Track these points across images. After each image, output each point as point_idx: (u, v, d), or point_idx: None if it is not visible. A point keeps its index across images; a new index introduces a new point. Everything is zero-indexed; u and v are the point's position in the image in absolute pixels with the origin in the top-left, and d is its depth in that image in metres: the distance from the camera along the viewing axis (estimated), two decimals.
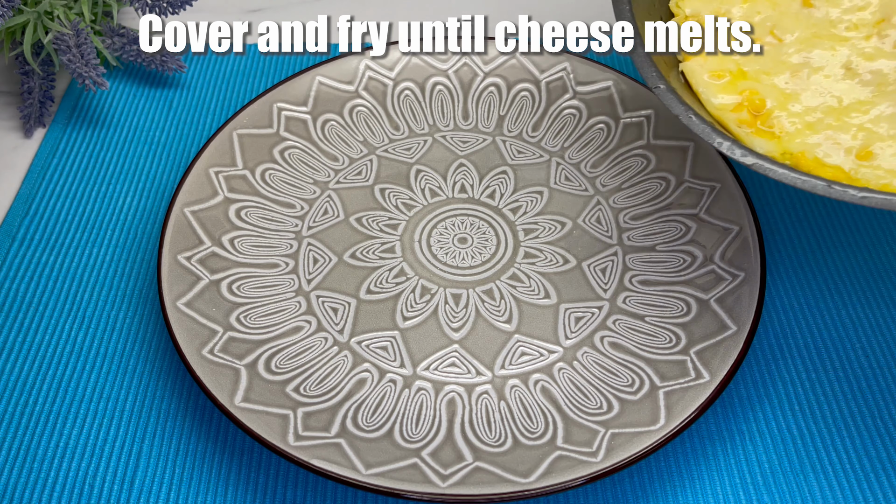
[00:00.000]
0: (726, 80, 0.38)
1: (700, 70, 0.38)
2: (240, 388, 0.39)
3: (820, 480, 0.40)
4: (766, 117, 0.36)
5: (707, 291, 0.43)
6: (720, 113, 0.37)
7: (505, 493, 0.36)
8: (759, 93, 0.37)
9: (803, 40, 0.38)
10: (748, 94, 0.37)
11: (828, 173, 0.34)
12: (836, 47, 0.37)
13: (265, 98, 0.51)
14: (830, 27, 0.38)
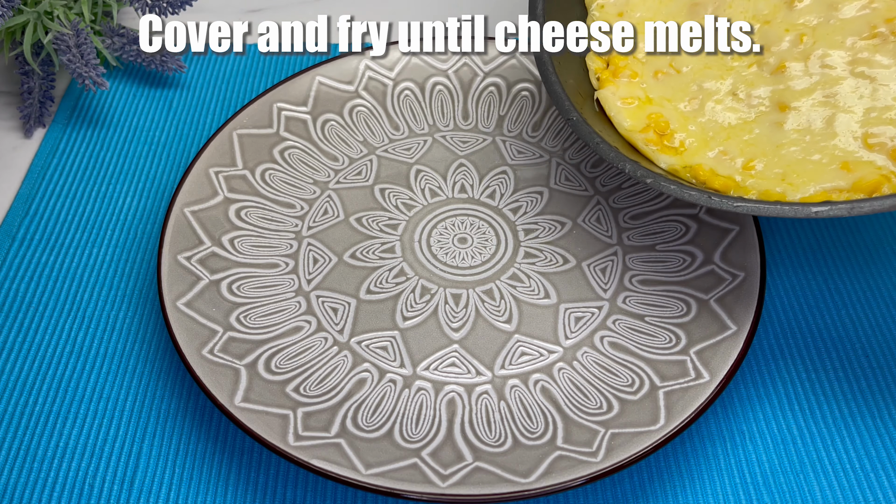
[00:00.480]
0: (635, 105, 0.42)
1: (612, 97, 0.43)
2: (240, 388, 0.39)
3: (820, 480, 0.40)
4: (669, 136, 0.41)
5: (707, 291, 0.43)
6: (630, 134, 0.41)
7: (505, 493, 0.36)
8: (662, 115, 0.41)
9: (697, 70, 0.43)
10: (654, 116, 0.41)
11: (721, 182, 0.38)
12: (724, 76, 0.42)
13: (265, 98, 0.51)
14: (719, 58, 0.42)
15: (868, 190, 0.35)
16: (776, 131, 0.39)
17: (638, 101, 0.42)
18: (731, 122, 0.40)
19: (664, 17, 0.45)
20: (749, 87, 0.41)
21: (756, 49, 0.42)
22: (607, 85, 0.43)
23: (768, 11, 0.42)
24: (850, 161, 0.36)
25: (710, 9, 0.44)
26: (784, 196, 0.36)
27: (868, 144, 0.36)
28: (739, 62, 0.42)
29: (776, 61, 0.41)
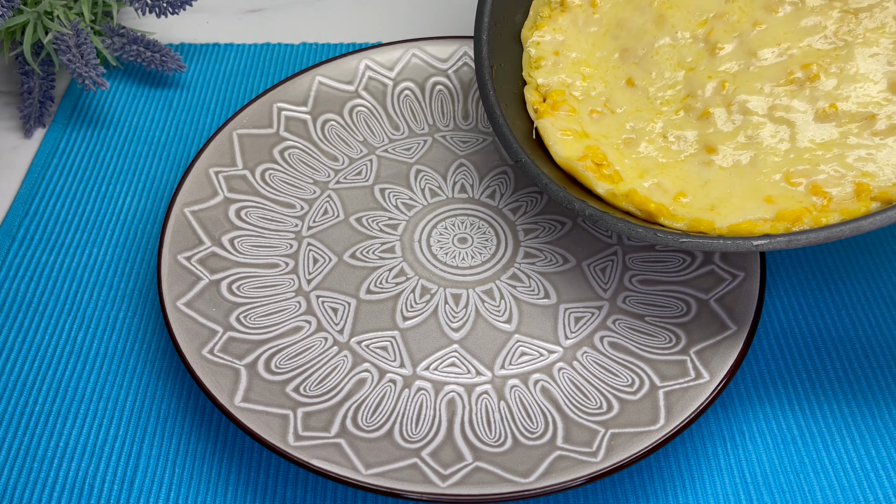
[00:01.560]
0: (572, 138, 0.43)
1: (552, 128, 0.44)
2: (240, 388, 0.39)
3: (820, 480, 0.40)
4: (606, 167, 0.42)
5: (707, 291, 0.43)
6: (568, 161, 0.42)
7: (505, 493, 0.36)
8: (599, 149, 0.42)
9: (630, 112, 0.44)
10: (591, 148, 0.43)
11: (655, 206, 0.40)
12: (655, 119, 0.43)
13: (265, 98, 0.51)
14: (649, 103, 0.44)
15: (791, 219, 0.37)
16: (705, 169, 0.41)
17: (575, 134, 0.43)
18: (663, 161, 0.42)
19: (596, 60, 0.46)
20: (678, 129, 0.42)
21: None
22: (546, 116, 0.44)
23: (692, 59, 0.44)
24: (774, 195, 0.38)
25: (639, 53, 0.45)
26: (713, 223, 0.38)
27: (790, 182, 0.38)
28: (668, 107, 0.44)
29: (702, 107, 0.43)
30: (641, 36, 0.46)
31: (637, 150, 0.43)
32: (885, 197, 0.36)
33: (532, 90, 0.46)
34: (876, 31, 0.40)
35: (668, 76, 0.44)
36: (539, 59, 0.46)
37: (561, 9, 0.47)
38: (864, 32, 0.41)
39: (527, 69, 0.47)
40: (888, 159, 0.37)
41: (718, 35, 0.44)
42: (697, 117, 0.42)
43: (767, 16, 0.43)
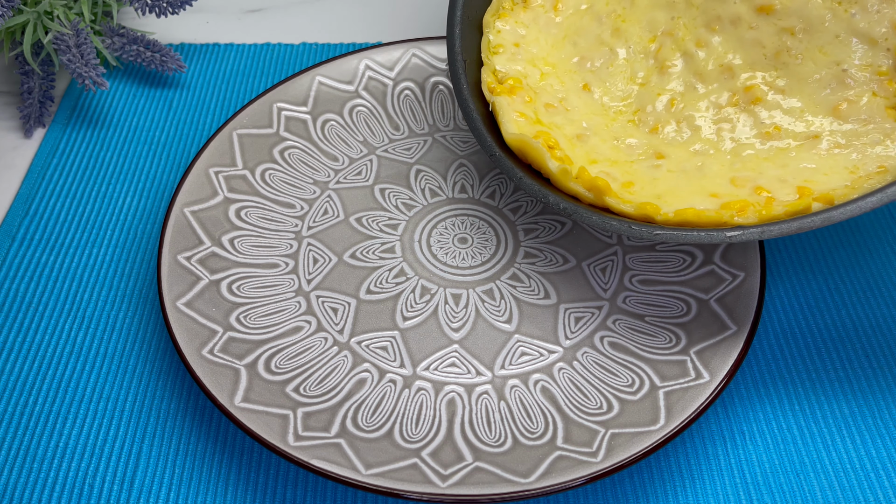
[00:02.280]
0: (525, 121, 0.43)
1: (507, 107, 0.43)
2: (240, 388, 0.39)
3: (820, 480, 0.40)
4: (557, 150, 0.42)
5: (707, 291, 0.43)
6: (520, 137, 0.42)
7: (505, 493, 0.36)
8: (550, 135, 0.43)
9: (584, 114, 0.44)
10: (543, 134, 0.43)
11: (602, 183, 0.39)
12: (608, 125, 0.44)
13: (265, 98, 0.51)
14: (603, 109, 0.45)
15: (736, 208, 0.38)
16: (653, 170, 0.41)
17: (528, 119, 0.43)
18: (614, 158, 0.42)
19: (555, 61, 0.46)
20: (629, 137, 0.43)
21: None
22: (503, 95, 0.44)
23: (644, 74, 0.45)
24: (719, 193, 0.39)
25: (596, 64, 0.46)
26: (659, 208, 0.38)
27: (735, 184, 0.39)
28: (621, 116, 0.44)
29: (653, 121, 0.43)
30: (598, 47, 0.46)
31: (589, 145, 0.43)
32: (827, 198, 0.37)
33: (489, 72, 0.46)
34: (815, 52, 0.41)
35: (621, 88, 0.45)
36: (498, 46, 0.46)
37: (523, 4, 0.48)
38: (804, 53, 0.41)
39: (485, 52, 0.46)
40: (831, 172, 0.38)
41: (666, 53, 0.45)
42: (648, 130, 0.43)
43: (709, 35, 0.44)
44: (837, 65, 0.40)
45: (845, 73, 0.40)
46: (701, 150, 0.41)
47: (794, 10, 0.41)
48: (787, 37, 0.42)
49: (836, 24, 0.40)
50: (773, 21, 0.42)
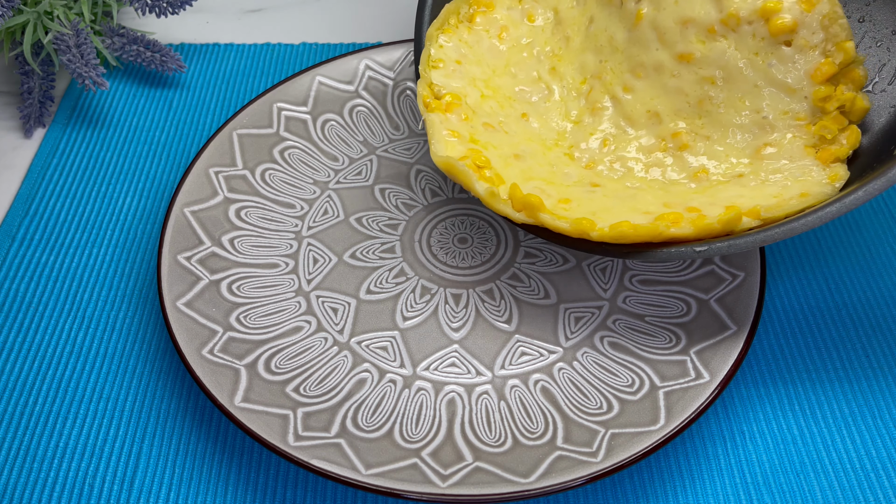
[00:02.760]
0: (457, 140, 0.43)
1: (439, 125, 0.43)
2: (240, 388, 0.39)
3: (820, 480, 0.40)
4: (487, 169, 0.42)
5: (707, 291, 0.43)
6: (447, 160, 0.41)
7: (505, 493, 0.36)
8: (482, 153, 0.42)
9: (523, 139, 0.44)
10: (474, 151, 0.42)
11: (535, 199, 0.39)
12: (545, 153, 0.44)
13: (265, 98, 0.51)
14: (541, 139, 0.44)
15: (671, 219, 0.38)
16: (589, 193, 0.41)
17: (461, 138, 0.43)
18: (549, 179, 0.42)
19: (496, 85, 0.46)
20: (565, 167, 0.43)
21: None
22: (437, 111, 0.43)
23: (577, 113, 0.45)
24: (653, 212, 0.39)
25: (533, 98, 0.46)
26: (595, 223, 0.38)
27: (668, 207, 0.39)
28: (557, 148, 0.44)
29: (587, 158, 0.44)
30: (536, 82, 0.46)
31: (526, 164, 0.43)
32: (755, 212, 0.38)
33: (424, 85, 0.45)
34: (736, 101, 0.42)
35: (557, 123, 0.45)
36: (438, 61, 0.46)
37: (468, 24, 0.47)
38: (726, 102, 0.42)
39: (424, 65, 0.46)
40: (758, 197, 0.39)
41: (596, 95, 0.45)
42: (584, 165, 0.43)
43: (635, 80, 0.44)
44: (758, 112, 0.41)
45: (766, 119, 0.41)
46: (633, 185, 0.42)
47: (713, 59, 0.41)
48: (709, 86, 0.42)
49: (754, 75, 0.41)
50: (694, 70, 0.42)
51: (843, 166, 0.39)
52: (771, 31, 0.40)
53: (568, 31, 0.47)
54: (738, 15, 0.40)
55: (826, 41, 0.40)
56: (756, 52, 0.41)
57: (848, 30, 0.39)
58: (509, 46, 0.47)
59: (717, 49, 0.41)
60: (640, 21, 0.43)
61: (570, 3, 0.47)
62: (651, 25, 0.43)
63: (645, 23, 0.43)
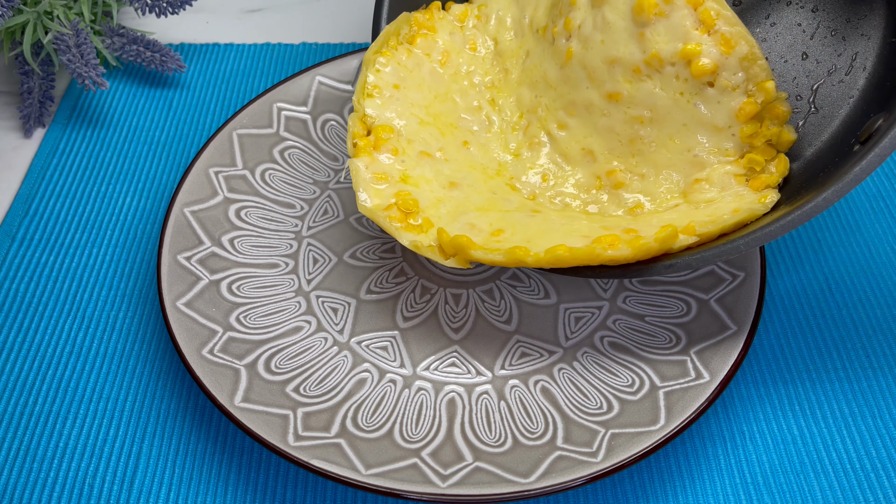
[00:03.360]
0: (385, 185, 0.42)
1: (364, 171, 0.42)
2: (240, 388, 0.39)
3: (820, 480, 0.40)
4: (414, 215, 0.41)
5: (707, 291, 0.43)
6: (371, 213, 0.41)
7: (505, 493, 0.36)
8: (410, 195, 0.41)
9: (463, 166, 0.44)
10: (402, 195, 0.41)
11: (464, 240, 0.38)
12: (486, 181, 0.43)
13: (265, 98, 0.51)
14: (483, 168, 0.44)
15: (607, 241, 0.38)
16: (528, 218, 0.41)
17: (390, 180, 0.42)
18: (487, 207, 0.42)
19: (437, 111, 0.45)
20: (506, 194, 0.43)
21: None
22: (363, 154, 0.42)
23: (515, 146, 0.45)
24: (590, 234, 0.39)
25: (474, 127, 0.45)
26: (529, 250, 0.38)
27: (605, 229, 0.40)
28: (499, 178, 0.44)
29: (528, 192, 0.44)
30: (477, 111, 0.46)
31: (461, 194, 0.42)
32: (690, 228, 0.38)
33: (357, 120, 0.43)
34: (666, 140, 0.42)
35: (498, 154, 0.45)
36: (375, 88, 0.44)
37: (408, 45, 0.46)
38: (656, 141, 0.42)
39: (359, 94, 0.44)
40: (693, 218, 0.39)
41: (534, 130, 0.45)
42: (525, 197, 0.43)
43: (568, 118, 0.44)
44: (689, 151, 0.41)
45: (696, 157, 0.41)
46: (571, 214, 0.42)
47: (640, 99, 0.42)
48: (639, 125, 0.42)
49: (681, 115, 0.41)
50: (623, 109, 0.42)
51: (774, 190, 0.40)
52: (693, 73, 0.40)
53: (507, 64, 0.47)
54: (660, 56, 0.40)
55: (747, 81, 0.40)
56: (681, 92, 0.41)
57: (767, 70, 0.40)
58: (451, 73, 0.46)
59: (644, 89, 0.41)
60: (570, 59, 0.43)
61: (509, 34, 0.47)
62: (580, 64, 0.43)
63: (575, 61, 0.43)
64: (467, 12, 0.48)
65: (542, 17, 0.46)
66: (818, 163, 0.40)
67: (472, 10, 0.48)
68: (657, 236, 0.37)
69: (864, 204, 0.51)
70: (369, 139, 0.43)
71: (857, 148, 0.38)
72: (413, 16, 0.47)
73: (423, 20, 0.47)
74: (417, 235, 0.40)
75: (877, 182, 0.52)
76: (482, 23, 0.48)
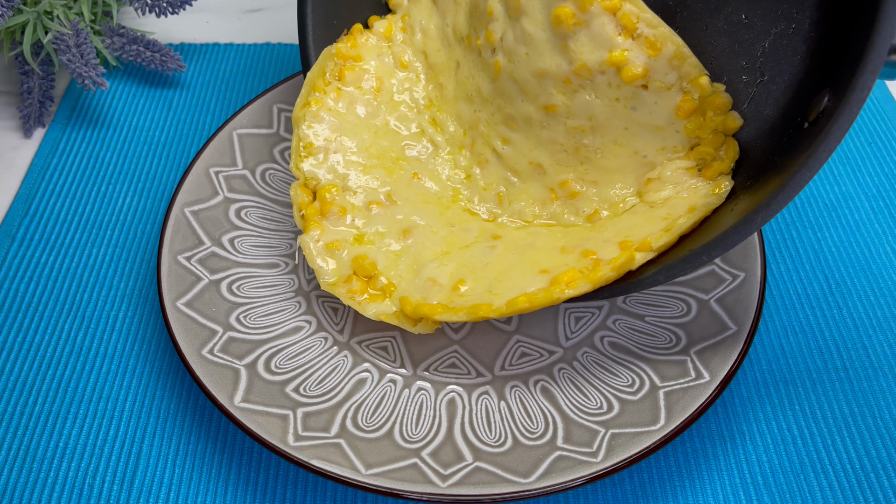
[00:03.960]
0: (344, 253, 0.41)
1: (315, 247, 0.41)
2: (239, 388, 0.39)
3: (820, 481, 0.40)
4: (375, 281, 0.40)
5: (707, 291, 0.43)
6: (333, 288, 0.40)
7: (505, 493, 0.36)
8: (367, 257, 0.40)
9: (416, 204, 0.43)
10: (359, 260, 0.40)
11: (429, 309, 0.38)
12: (442, 213, 0.43)
13: (265, 98, 0.51)
14: (436, 197, 0.43)
15: (565, 281, 0.37)
16: (487, 253, 0.41)
17: (344, 245, 0.41)
18: (445, 250, 0.41)
19: (378, 150, 0.44)
20: (465, 223, 0.42)
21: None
22: (312, 227, 0.41)
23: (466, 165, 0.44)
24: (548, 266, 0.39)
25: (421, 153, 0.45)
26: (491, 305, 0.38)
27: (564, 252, 0.39)
28: (455, 204, 0.43)
29: (487, 213, 0.43)
30: (420, 137, 0.45)
31: (417, 239, 0.41)
32: (647, 245, 0.37)
33: (299, 187, 0.42)
34: (611, 146, 0.41)
35: (450, 178, 0.44)
36: (310, 146, 0.43)
37: (338, 83, 0.44)
38: (602, 148, 0.41)
39: (295, 158, 0.43)
40: (648, 223, 0.39)
41: (479, 147, 0.44)
42: (484, 220, 0.43)
43: (510, 132, 0.43)
44: (636, 153, 0.41)
45: (645, 158, 0.41)
46: (532, 232, 0.42)
47: (577, 110, 0.41)
48: (580, 134, 0.41)
49: (620, 120, 0.40)
50: (561, 120, 0.41)
51: (727, 177, 0.39)
52: (624, 79, 0.39)
53: (440, 78, 0.46)
54: (588, 66, 0.39)
55: (680, 79, 0.39)
56: (616, 98, 0.40)
57: (699, 66, 0.39)
58: (387, 101, 0.45)
59: (579, 99, 0.40)
60: (499, 73, 0.42)
61: (437, 45, 0.46)
62: (510, 78, 0.42)
63: (504, 75, 0.42)
64: (391, 27, 0.46)
65: (464, 24, 0.44)
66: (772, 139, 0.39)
67: (397, 22, 0.46)
68: (613, 265, 0.37)
69: (864, 204, 0.51)
70: (315, 206, 0.42)
71: (806, 125, 0.36)
72: (336, 48, 0.45)
73: (346, 51, 0.45)
74: (381, 304, 0.40)
75: (877, 182, 0.52)
76: (409, 35, 0.46)
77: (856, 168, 0.53)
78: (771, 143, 0.38)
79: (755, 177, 0.38)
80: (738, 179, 0.39)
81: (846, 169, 0.53)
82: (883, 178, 0.52)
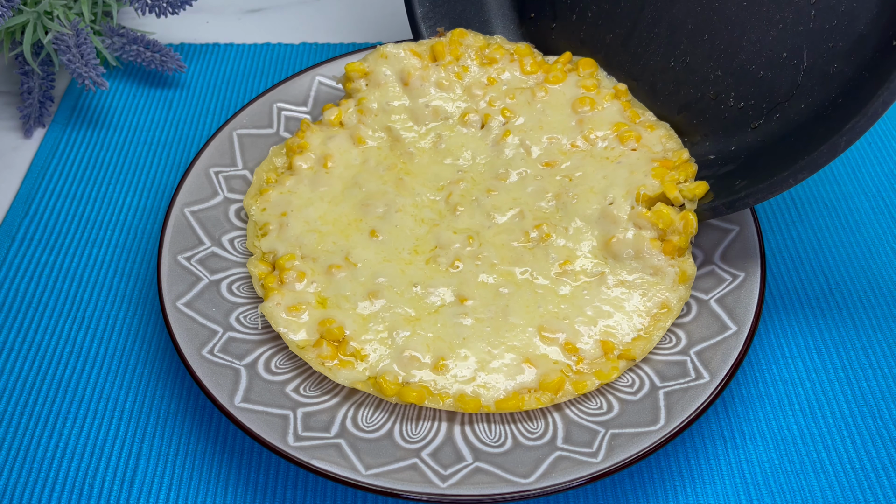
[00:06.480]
0: (305, 315, 0.41)
1: (277, 310, 0.41)
2: (239, 388, 0.39)
3: (820, 481, 0.40)
4: (344, 346, 0.40)
5: (707, 291, 0.43)
6: (302, 352, 0.40)
7: (505, 493, 0.36)
8: (334, 321, 0.40)
9: (376, 263, 0.43)
10: (326, 323, 0.40)
11: (415, 395, 0.38)
12: (404, 270, 0.43)
13: (265, 98, 0.51)
14: (396, 253, 0.43)
15: (554, 388, 0.39)
16: (459, 327, 0.41)
17: (308, 308, 0.41)
18: (413, 314, 0.41)
19: (334, 215, 0.45)
20: (428, 280, 0.42)
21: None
22: (272, 294, 0.41)
23: (435, 215, 0.45)
24: (531, 356, 0.40)
25: (380, 210, 0.45)
26: (479, 399, 0.38)
27: (544, 338, 0.40)
28: (417, 257, 0.43)
29: (448, 260, 0.43)
30: (381, 196, 0.45)
31: (384, 304, 0.41)
32: (628, 355, 0.40)
33: (257, 262, 0.43)
34: (586, 192, 0.44)
35: (412, 229, 0.44)
36: (265, 225, 0.44)
37: (289, 172, 0.47)
38: (578, 194, 0.44)
39: (251, 239, 0.44)
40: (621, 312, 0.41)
41: (457, 198, 0.45)
42: (446, 268, 0.43)
43: (498, 183, 0.45)
44: (605, 199, 0.44)
45: (612, 205, 0.43)
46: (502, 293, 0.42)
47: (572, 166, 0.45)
48: (567, 182, 0.45)
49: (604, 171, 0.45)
50: (556, 172, 0.46)
51: (689, 260, 0.42)
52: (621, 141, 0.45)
53: (410, 149, 0.47)
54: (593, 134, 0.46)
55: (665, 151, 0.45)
56: (607, 157, 0.45)
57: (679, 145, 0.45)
58: (338, 172, 0.46)
59: (576, 157, 0.46)
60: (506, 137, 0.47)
61: (405, 122, 0.48)
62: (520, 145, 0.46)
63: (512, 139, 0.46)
64: (340, 114, 0.48)
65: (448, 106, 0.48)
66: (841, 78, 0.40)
67: (348, 106, 0.48)
68: (598, 377, 0.39)
69: (864, 204, 0.51)
70: (275, 275, 0.42)
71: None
72: (284, 145, 0.48)
73: (293, 143, 0.47)
74: (353, 370, 0.39)
75: (877, 182, 0.52)
76: (366, 115, 0.48)
77: (856, 168, 0.53)
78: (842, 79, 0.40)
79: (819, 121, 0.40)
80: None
81: (846, 169, 0.53)
82: (883, 178, 0.52)
